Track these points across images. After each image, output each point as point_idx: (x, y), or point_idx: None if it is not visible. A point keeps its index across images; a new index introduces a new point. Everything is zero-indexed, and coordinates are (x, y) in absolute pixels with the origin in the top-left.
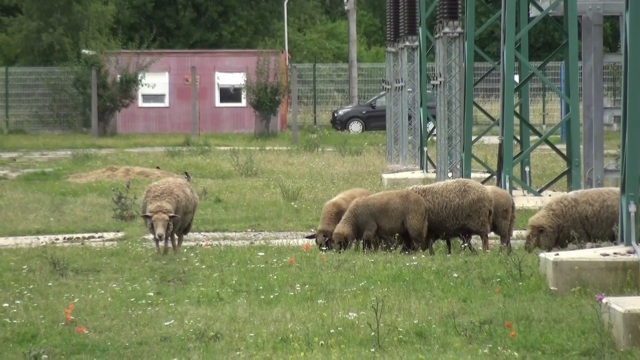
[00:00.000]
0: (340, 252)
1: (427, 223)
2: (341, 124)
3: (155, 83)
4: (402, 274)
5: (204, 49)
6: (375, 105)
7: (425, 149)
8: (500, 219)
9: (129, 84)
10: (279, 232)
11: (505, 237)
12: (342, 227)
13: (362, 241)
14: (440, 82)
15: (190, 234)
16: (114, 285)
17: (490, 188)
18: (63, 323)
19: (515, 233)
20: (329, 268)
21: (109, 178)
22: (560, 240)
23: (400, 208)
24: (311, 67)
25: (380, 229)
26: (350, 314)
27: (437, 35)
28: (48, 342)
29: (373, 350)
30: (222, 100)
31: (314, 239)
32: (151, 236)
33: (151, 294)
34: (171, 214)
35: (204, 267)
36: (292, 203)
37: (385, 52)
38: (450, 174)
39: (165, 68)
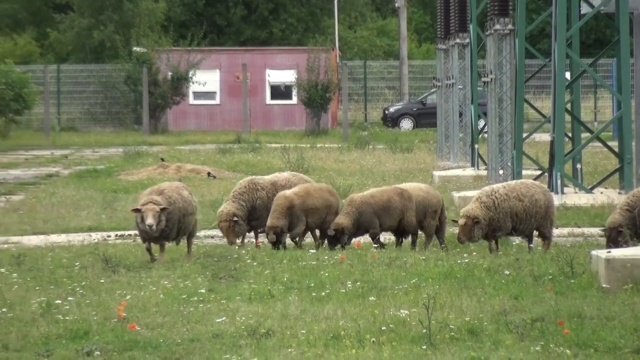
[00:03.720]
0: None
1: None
2: (392, 121)
3: (206, 80)
4: (453, 272)
5: (254, 47)
6: (426, 103)
7: (476, 146)
8: (428, 219)
9: (180, 82)
10: None
11: (430, 237)
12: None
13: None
14: (491, 79)
15: None
16: (165, 282)
17: (424, 187)
18: (115, 320)
19: (556, 231)
20: (381, 265)
21: (161, 175)
22: (489, 234)
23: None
24: (362, 64)
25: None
26: (401, 311)
27: (487, 33)
28: (100, 338)
29: (424, 347)
30: (272, 97)
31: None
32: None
33: (203, 290)
34: (162, 206)
35: (255, 264)
36: (343, 200)
37: (436, 49)
38: (501, 172)
39: (216, 65)
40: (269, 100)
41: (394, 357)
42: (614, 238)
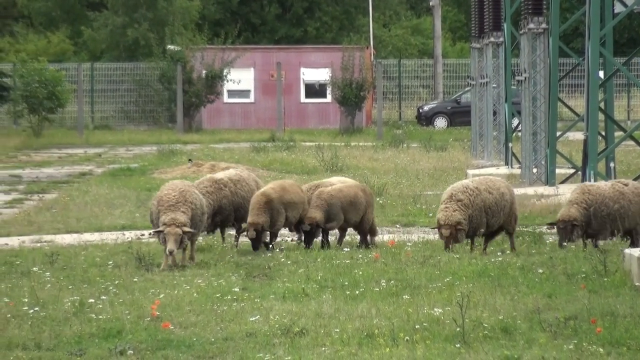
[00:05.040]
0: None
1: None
2: (426, 119)
3: (241, 79)
4: (487, 270)
5: (289, 45)
6: (460, 101)
7: (510, 144)
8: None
9: (214, 80)
10: None
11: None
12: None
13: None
14: (525, 78)
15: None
16: (199, 281)
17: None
18: (148, 319)
19: None
20: (414, 264)
21: (195, 174)
22: (469, 232)
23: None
24: (396, 62)
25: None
26: (435, 309)
27: (521, 31)
28: (134, 337)
29: (458, 345)
30: (307, 96)
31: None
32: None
33: (237, 289)
34: (185, 229)
35: (289, 262)
36: (377, 199)
37: (470, 48)
38: (535, 170)
39: (251, 64)
40: (303, 99)
41: (427, 356)
42: (569, 231)
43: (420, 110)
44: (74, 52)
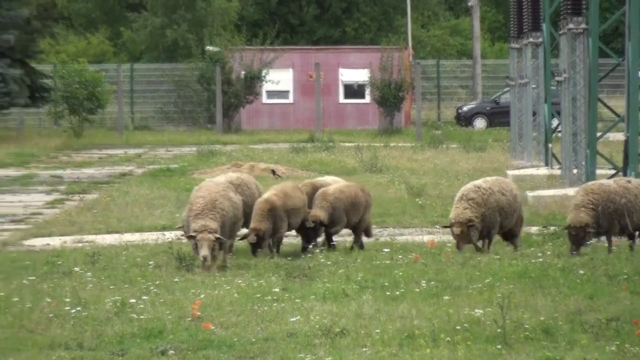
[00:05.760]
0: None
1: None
2: (465, 120)
3: (280, 79)
4: (527, 271)
5: (327, 45)
6: (499, 102)
7: (549, 145)
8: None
9: (253, 81)
10: (404, 228)
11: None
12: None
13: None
14: (565, 79)
15: None
16: (239, 281)
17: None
18: (189, 319)
19: None
20: (455, 264)
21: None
22: (482, 232)
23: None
24: (435, 63)
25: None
26: (476, 310)
27: (561, 32)
28: (175, 337)
29: (499, 347)
30: (346, 96)
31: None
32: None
33: (277, 290)
34: (217, 235)
35: (329, 263)
36: (417, 199)
37: (509, 49)
38: (575, 171)
39: (289, 64)
40: (342, 99)
41: (468, 357)
42: (581, 238)
43: (459, 111)
44: (113, 53)
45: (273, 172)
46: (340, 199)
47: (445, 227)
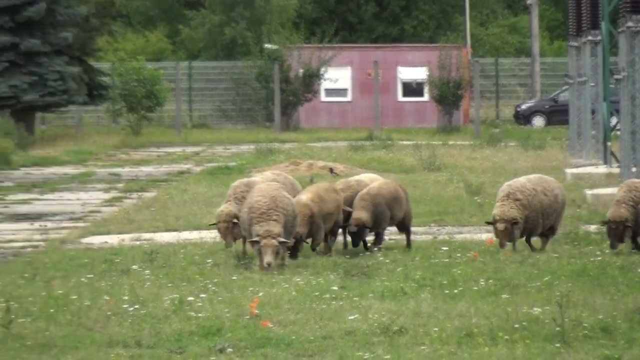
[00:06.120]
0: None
1: None
2: (524, 118)
3: (338, 77)
4: (586, 269)
5: (386, 44)
6: (557, 100)
7: (608, 143)
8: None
9: (311, 79)
10: (463, 226)
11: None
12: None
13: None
14: (624, 77)
15: None
16: (298, 279)
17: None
18: (248, 317)
19: None
20: (513, 263)
21: (292, 172)
22: (523, 232)
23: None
24: (493, 61)
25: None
26: (534, 308)
27: (620, 30)
28: (233, 335)
29: (558, 345)
30: (404, 94)
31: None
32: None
33: (335, 288)
34: (280, 239)
35: (387, 261)
36: (475, 197)
37: (567, 47)
38: (634, 169)
39: (348, 62)
40: (400, 97)
41: (527, 355)
42: (620, 232)
43: (518, 109)
44: (171, 50)
45: (331, 170)
46: (381, 195)
47: (489, 223)
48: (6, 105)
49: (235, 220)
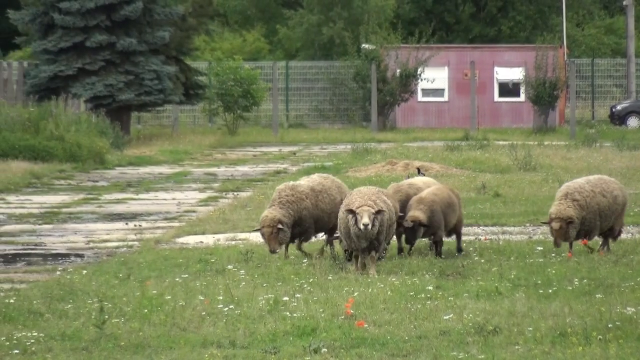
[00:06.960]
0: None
1: None
2: (619, 119)
3: (435, 78)
4: None
5: (483, 44)
6: None
7: None
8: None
9: (408, 79)
10: None
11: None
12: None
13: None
14: None
15: (469, 228)
16: (393, 279)
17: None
18: (343, 317)
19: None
20: (607, 263)
21: (389, 172)
22: (580, 233)
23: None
24: (589, 62)
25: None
26: (628, 308)
27: None
28: (328, 335)
29: None
30: (500, 95)
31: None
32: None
33: (430, 287)
34: (378, 208)
35: (482, 261)
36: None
37: None
38: None
39: (445, 63)
40: (496, 98)
41: (621, 355)
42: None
43: (613, 110)
44: (269, 50)
45: (418, 170)
46: (436, 201)
47: (544, 223)
48: (102, 105)
49: (280, 226)
